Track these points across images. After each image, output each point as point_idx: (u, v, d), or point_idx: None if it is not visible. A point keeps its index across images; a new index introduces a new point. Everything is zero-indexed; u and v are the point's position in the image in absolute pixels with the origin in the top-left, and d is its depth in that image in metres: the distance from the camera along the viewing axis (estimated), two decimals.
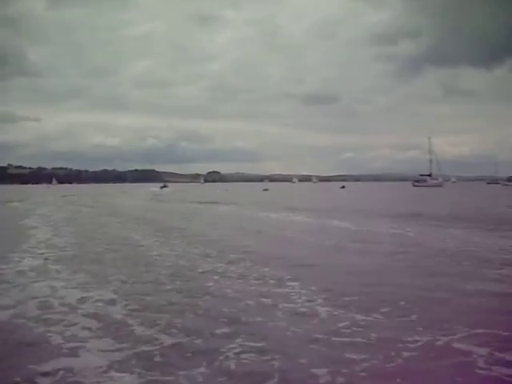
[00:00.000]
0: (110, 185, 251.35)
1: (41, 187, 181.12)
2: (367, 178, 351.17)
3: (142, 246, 18.24)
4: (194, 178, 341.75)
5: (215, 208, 44.64)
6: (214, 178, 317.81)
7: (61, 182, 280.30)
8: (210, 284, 11.06)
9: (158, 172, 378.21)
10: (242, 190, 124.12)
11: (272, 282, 11.28)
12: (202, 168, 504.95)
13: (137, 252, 16.64)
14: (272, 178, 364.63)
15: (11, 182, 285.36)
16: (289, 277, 11.70)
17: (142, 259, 14.83)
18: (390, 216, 30.51)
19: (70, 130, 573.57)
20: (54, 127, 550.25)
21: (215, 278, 11.81)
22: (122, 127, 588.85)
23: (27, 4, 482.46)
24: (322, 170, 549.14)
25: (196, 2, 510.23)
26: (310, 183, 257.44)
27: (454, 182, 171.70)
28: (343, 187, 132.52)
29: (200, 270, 12.81)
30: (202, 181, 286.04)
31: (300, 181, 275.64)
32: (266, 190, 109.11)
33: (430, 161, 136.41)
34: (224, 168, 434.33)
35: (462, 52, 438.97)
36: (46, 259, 14.83)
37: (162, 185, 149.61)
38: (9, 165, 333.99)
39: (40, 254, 16.01)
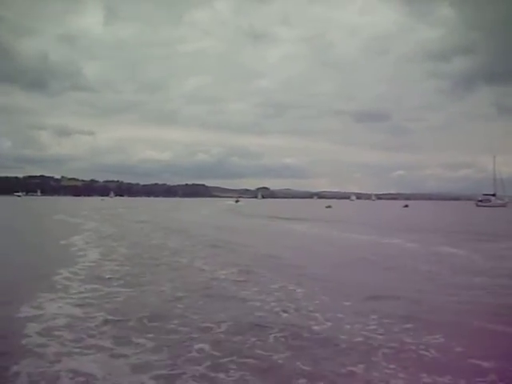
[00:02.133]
0: (164, 199, 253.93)
1: (94, 200, 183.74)
2: (418, 196, 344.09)
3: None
4: (243, 193, 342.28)
5: (304, 227, 42.92)
6: (263, 193, 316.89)
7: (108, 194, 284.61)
8: None
9: (207, 187, 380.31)
10: (304, 206, 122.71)
11: None
12: (251, 183, 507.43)
13: None
14: (321, 195, 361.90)
15: (64, 194, 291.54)
16: None
17: None
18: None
19: (121, 143, 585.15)
20: (106, 141, 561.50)
21: None
22: (173, 142, 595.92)
23: (84, 20, 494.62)
24: (372, 187, 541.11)
25: (248, 19, 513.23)
26: (369, 201, 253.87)
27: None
28: (406, 206, 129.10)
29: None
30: (260, 196, 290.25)
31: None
32: (328, 207, 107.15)
33: (494, 180, 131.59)
34: (272, 184, 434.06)
35: None
36: None
37: (235, 199, 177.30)
38: (62, 177, 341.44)
39: None
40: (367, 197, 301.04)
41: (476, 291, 13.20)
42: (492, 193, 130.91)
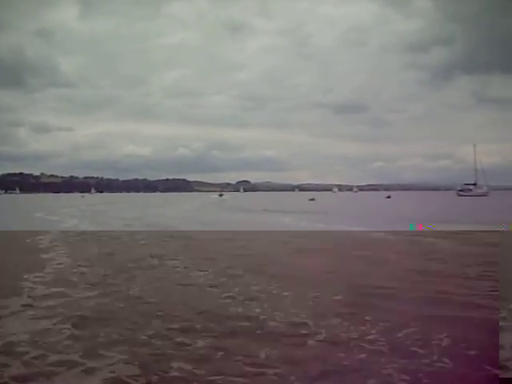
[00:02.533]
0: (144, 194, 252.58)
1: (74, 196, 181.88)
2: (397, 187, 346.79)
3: None
4: (224, 187, 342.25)
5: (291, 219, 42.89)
6: (244, 187, 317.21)
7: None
8: None
9: (188, 181, 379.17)
10: (287, 199, 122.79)
11: None
12: (232, 177, 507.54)
13: None
14: (302, 188, 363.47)
15: (44, 191, 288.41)
16: None
17: None
18: None
19: (101, 139, 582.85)
20: (85, 137, 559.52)
21: None
22: (153, 137, 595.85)
23: (59, 16, 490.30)
24: (352, 179, 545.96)
25: (226, 11, 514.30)
26: (350, 193, 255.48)
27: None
28: (389, 197, 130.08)
29: None
30: (242, 190, 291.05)
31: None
32: (312, 199, 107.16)
33: (475, 170, 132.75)
34: (253, 177, 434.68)
35: (494, 59, 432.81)
36: None
37: (219, 193, 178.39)
38: (42, 174, 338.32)
39: None
40: (348, 188, 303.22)
41: None
42: (473, 182, 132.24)
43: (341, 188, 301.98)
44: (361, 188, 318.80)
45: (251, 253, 18.89)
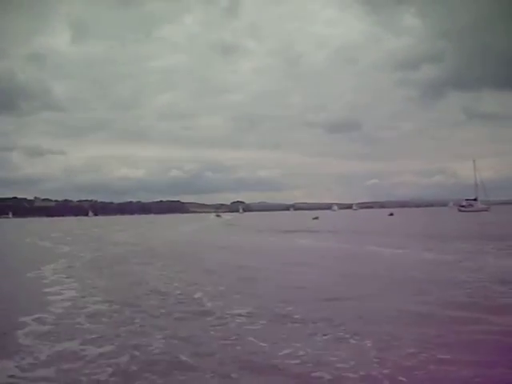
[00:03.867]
0: (139, 216, 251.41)
1: (69, 220, 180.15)
2: (392, 204, 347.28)
3: None
4: (218, 207, 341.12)
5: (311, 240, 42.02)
6: (238, 207, 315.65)
7: (86, 214, 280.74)
8: None
9: (183, 203, 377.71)
10: (290, 219, 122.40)
11: None
12: (226, 198, 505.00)
13: None
14: (296, 207, 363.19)
15: (38, 215, 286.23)
16: None
17: None
18: None
19: (94, 162, 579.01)
20: (78, 160, 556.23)
21: None
22: (146, 159, 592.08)
23: (51, 39, 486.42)
24: (347, 197, 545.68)
25: (218, 33, 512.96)
26: (349, 211, 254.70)
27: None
28: (392, 214, 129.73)
29: None
30: (241, 210, 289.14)
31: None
32: (315, 218, 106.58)
33: (476, 185, 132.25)
34: (247, 197, 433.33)
35: (485, 75, 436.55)
36: None
37: (216, 214, 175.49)
38: (35, 198, 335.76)
39: None
40: (346, 206, 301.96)
41: None
42: (473, 197, 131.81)
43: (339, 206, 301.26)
44: (349, 206, 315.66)
45: None
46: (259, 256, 28.47)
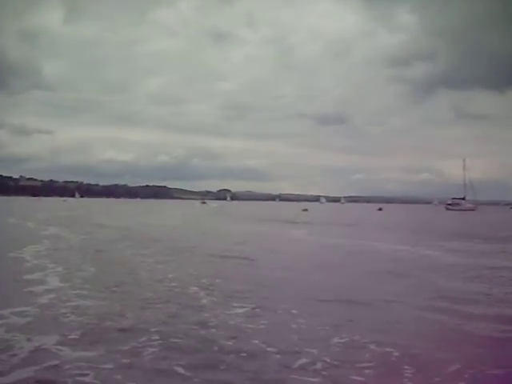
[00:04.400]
0: (125, 200, 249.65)
1: (55, 200, 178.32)
2: (378, 199, 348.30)
3: None
4: (205, 195, 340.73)
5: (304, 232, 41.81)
6: (225, 195, 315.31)
7: (72, 195, 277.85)
8: None
9: (169, 188, 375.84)
10: (279, 209, 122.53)
11: None
12: (213, 185, 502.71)
13: None
14: (282, 198, 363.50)
15: (23, 194, 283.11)
16: None
17: None
18: None
19: (82, 144, 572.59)
20: (66, 141, 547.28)
21: None
22: (135, 143, 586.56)
23: (44, 18, 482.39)
24: (332, 190, 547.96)
25: (212, 20, 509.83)
26: (337, 204, 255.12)
27: None
28: (380, 209, 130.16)
29: None
30: (229, 198, 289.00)
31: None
32: (305, 210, 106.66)
33: (464, 184, 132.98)
34: (234, 186, 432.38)
35: (475, 75, 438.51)
36: None
37: (201, 201, 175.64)
38: (21, 177, 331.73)
39: None
40: (331, 199, 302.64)
41: None
42: (461, 197, 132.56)
43: (316, 198, 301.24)
44: (335, 199, 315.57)
45: None
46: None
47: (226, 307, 11.64)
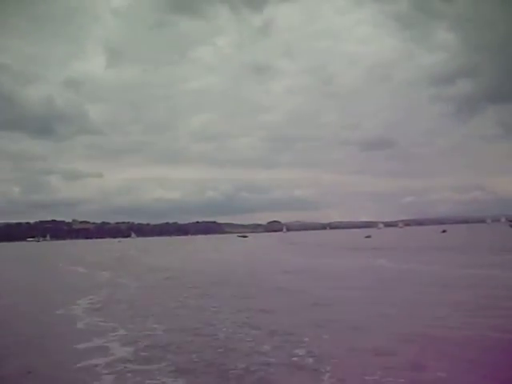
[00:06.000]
0: (178, 237, 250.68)
1: (109, 242, 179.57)
2: (430, 222, 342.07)
3: None
4: (254, 228, 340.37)
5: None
6: (278, 227, 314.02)
7: (124, 235, 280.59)
8: None
9: (219, 224, 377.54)
10: (345, 238, 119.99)
11: None
12: (261, 217, 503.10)
13: None
14: (332, 226, 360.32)
15: (76, 237, 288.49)
16: None
17: None
18: None
19: (130, 184, 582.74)
20: (115, 182, 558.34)
21: None
22: (182, 180, 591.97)
23: (87, 64, 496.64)
24: (384, 215, 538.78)
25: (250, 53, 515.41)
26: (395, 228, 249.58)
27: None
28: (444, 231, 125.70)
29: None
30: (285, 229, 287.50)
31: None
32: (368, 237, 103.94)
33: None
34: (283, 217, 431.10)
35: None
36: None
37: (239, 235, 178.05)
38: (73, 220, 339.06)
39: None
40: (386, 225, 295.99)
41: None
42: None
43: (371, 225, 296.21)
44: (390, 224, 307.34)
45: None
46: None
47: None
